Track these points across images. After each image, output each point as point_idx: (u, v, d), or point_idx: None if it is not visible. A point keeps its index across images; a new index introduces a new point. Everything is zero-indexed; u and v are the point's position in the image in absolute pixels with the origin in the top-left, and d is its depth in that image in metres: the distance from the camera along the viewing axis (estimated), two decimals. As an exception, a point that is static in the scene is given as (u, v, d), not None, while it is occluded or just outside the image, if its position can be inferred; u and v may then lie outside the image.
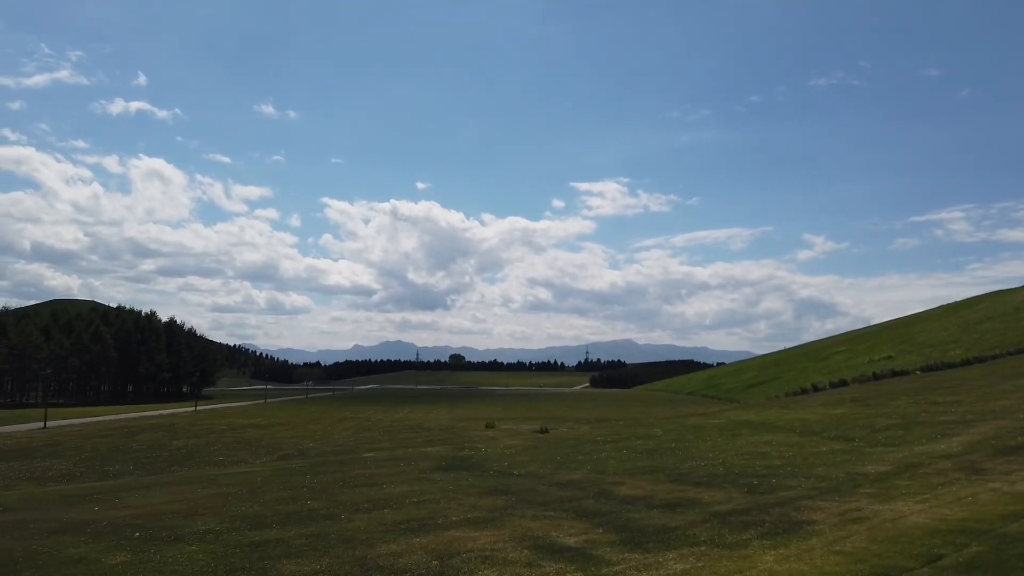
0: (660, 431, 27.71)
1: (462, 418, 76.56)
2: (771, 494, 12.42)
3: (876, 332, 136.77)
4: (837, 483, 13.43)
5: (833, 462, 16.81)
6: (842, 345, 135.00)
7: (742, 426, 28.03)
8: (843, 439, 22.23)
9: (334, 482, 15.61)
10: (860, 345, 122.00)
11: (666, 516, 10.70)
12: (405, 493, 13.28)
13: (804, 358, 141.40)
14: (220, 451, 45.36)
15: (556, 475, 15.41)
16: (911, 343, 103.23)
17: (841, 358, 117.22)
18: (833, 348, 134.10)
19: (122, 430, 62.22)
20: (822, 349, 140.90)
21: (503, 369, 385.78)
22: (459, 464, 18.44)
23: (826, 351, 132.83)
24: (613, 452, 19.96)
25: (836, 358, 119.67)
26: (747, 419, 31.49)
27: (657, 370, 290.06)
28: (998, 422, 22.19)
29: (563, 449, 21.76)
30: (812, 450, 19.69)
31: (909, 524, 9.51)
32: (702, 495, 12.44)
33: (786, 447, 20.68)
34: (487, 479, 15.12)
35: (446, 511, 11.17)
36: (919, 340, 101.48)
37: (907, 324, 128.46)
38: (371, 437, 55.23)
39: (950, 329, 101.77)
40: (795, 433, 24.66)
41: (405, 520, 10.57)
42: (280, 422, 73.61)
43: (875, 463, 16.12)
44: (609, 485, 13.74)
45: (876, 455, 17.55)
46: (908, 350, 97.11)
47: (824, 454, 18.56)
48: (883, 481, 13.39)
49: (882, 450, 18.99)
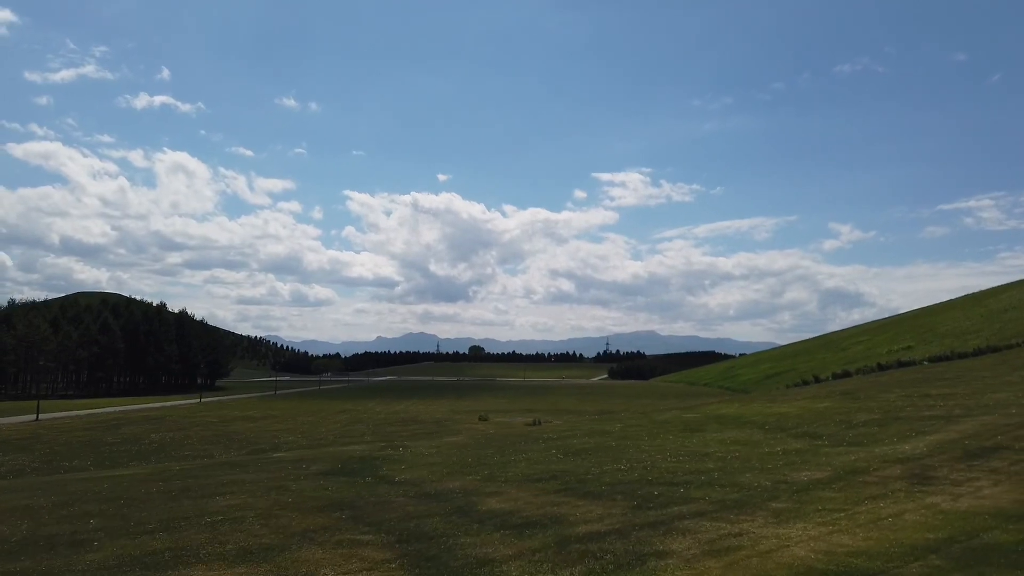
0: (619, 426, 25.57)
1: (461, 411, 75.12)
2: (660, 509, 10.29)
3: (897, 322, 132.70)
4: (753, 495, 11.25)
5: (772, 466, 14.59)
6: (862, 335, 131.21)
7: (712, 422, 25.73)
8: (809, 436, 19.92)
9: (180, 491, 13.79)
10: (880, 335, 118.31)
11: (503, 542, 8.65)
12: (226, 508, 11.36)
13: (823, 349, 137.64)
14: (192, 445, 44.20)
15: (439, 483, 13.41)
16: (933, 333, 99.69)
17: (860, 348, 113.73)
18: (853, 339, 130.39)
19: (110, 423, 61.55)
20: (841, 340, 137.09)
21: (522, 361, 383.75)
22: (357, 468, 16.53)
23: (845, 342, 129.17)
24: (539, 452, 17.90)
25: (855, 349, 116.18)
26: (723, 413, 29.16)
27: (677, 361, 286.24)
28: (985, 417, 19.72)
29: (493, 449, 19.75)
30: (764, 450, 17.43)
31: (782, 559, 7.35)
32: (576, 511, 10.35)
33: (739, 446, 18.43)
34: (351, 488, 13.18)
35: (227, 538, 9.21)
36: (941, 330, 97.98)
37: (930, 314, 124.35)
38: (356, 430, 53.82)
39: (973, 318, 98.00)
40: (762, 429, 22.34)
41: (157, 552, 8.63)
42: (275, 415, 72.71)
43: (817, 468, 13.88)
44: (482, 497, 11.70)
45: (827, 457, 15.27)
46: (929, 340, 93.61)
47: (771, 455, 16.32)
48: (806, 492, 11.19)
49: (843, 450, 16.70)
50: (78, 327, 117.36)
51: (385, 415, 71.95)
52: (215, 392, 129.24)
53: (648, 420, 28.39)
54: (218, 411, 76.87)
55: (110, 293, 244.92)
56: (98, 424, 60.58)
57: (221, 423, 62.06)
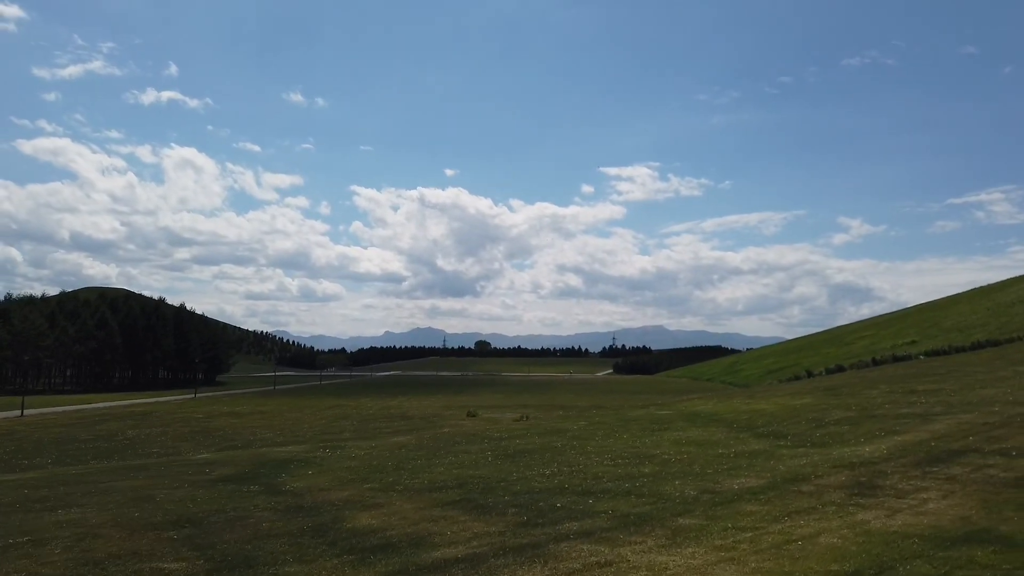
0: (582, 424, 24.15)
1: (454, 406, 73.82)
2: (546, 527, 8.89)
3: (903, 316, 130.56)
4: (665, 507, 9.82)
5: (712, 471, 13.15)
6: (868, 330, 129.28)
7: (680, 420, 24.26)
8: (774, 436, 18.44)
9: (35, 500, 12.58)
10: (884, 330, 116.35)
11: (334, 572, 7.24)
12: (52, 525, 10.05)
13: (828, 343, 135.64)
14: (163, 442, 43.15)
15: (328, 492, 12.07)
16: (938, 327, 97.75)
17: (865, 343, 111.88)
18: (858, 333, 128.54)
19: (93, 419, 60.70)
20: (846, 334, 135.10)
21: (528, 356, 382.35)
22: (262, 473, 15.18)
23: (849, 336, 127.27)
24: (471, 455, 16.52)
25: (859, 343, 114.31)
26: (698, 411, 27.68)
27: (683, 356, 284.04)
28: (964, 416, 18.17)
29: (427, 450, 18.37)
30: (715, 452, 15.98)
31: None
32: (450, 529, 8.95)
33: (693, 447, 16.98)
34: (224, 500, 11.85)
35: (9, 567, 7.86)
36: (946, 324, 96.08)
37: (936, 308, 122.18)
38: (338, 427, 52.58)
39: (979, 312, 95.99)
40: (728, 428, 20.86)
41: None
42: (264, 411, 71.74)
43: (758, 474, 12.42)
44: (358, 511, 10.35)
45: (777, 461, 13.81)
46: (933, 334, 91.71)
47: (720, 458, 14.87)
48: (726, 505, 9.75)
49: (800, 452, 15.24)
50: (75, 322, 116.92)
51: (375, 411, 70.72)
52: (213, 387, 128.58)
53: (616, 417, 26.98)
54: (207, 407, 75.95)
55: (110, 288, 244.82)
56: (80, 420, 59.67)
57: (205, 419, 61.05)
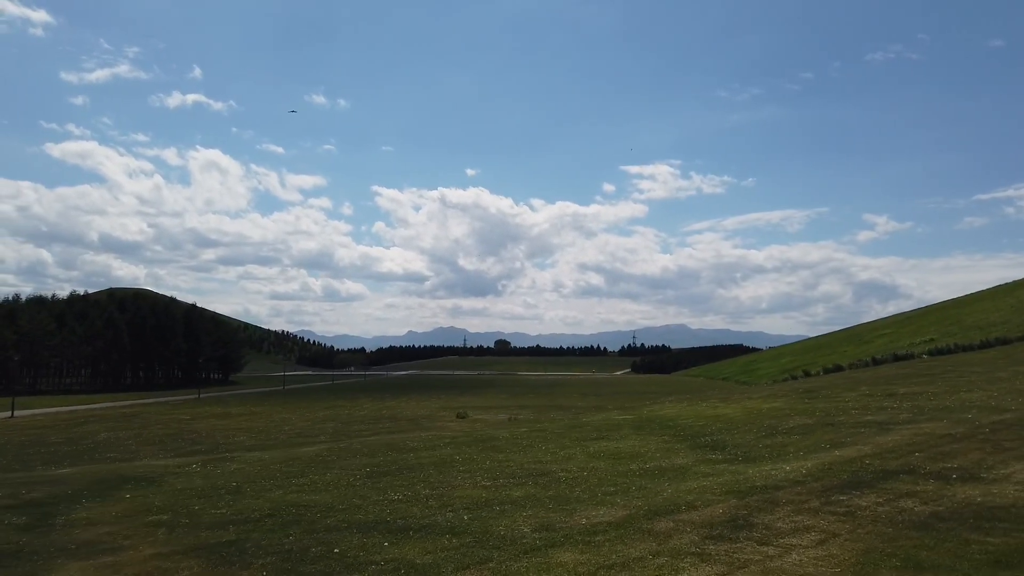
0: (523, 431, 22.04)
1: (452, 407, 72.14)
2: None
3: (924, 314, 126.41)
4: (461, 557, 7.70)
5: (588, 498, 11.00)
6: (888, 328, 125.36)
7: (627, 427, 22.00)
8: (709, 448, 16.22)
9: None
10: (904, 328, 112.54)
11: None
12: None
13: (846, 342, 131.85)
14: (126, 446, 41.96)
15: (102, 526, 10.10)
16: (959, 325, 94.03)
17: (883, 341, 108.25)
18: (878, 331, 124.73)
19: (77, 421, 60.02)
20: (866, 332, 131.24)
21: (546, 355, 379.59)
22: (69, 497, 13.29)
23: (869, 334, 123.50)
24: (342, 473, 14.49)
25: (878, 341, 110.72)
26: (658, 416, 25.39)
27: (703, 355, 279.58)
28: (927, 425, 15.79)
29: (304, 464, 16.41)
30: (625, 468, 13.79)
31: None
32: None
33: (607, 462, 14.79)
34: None
35: None
36: (968, 322, 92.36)
37: (959, 305, 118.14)
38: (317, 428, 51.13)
39: (1002, 310, 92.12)
40: (669, 437, 18.61)
41: None
42: (256, 411, 70.82)
43: (624, 505, 10.24)
44: (81, 559, 8.31)
45: (680, 483, 11.60)
46: (953, 332, 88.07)
47: (621, 477, 12.69)
48: (545, 551, 7.68)
49: (722, 468, 13.06)
50: (83, 322, 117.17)
51: (368, 413, 69.35)
52: (223, 387, 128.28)
53: (566, 424, 24.82)
54: (198, 408, 75.10)
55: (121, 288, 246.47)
56: (62, 422, 58.92)
57: (190, 420, 60.09)
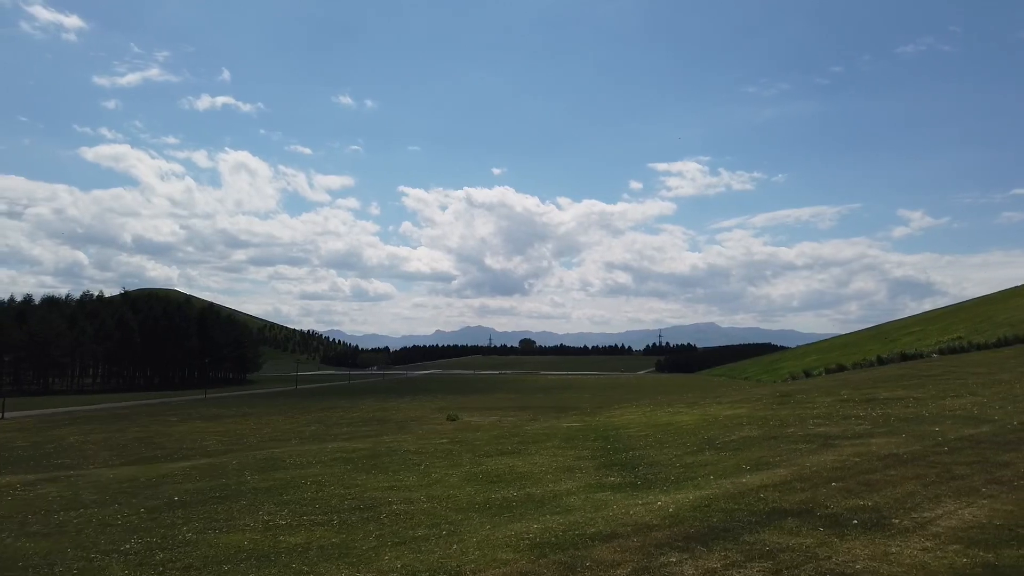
0: (427, 445, 19.30)
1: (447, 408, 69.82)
2: None
3: (955, 311, 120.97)
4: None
5: (374, 546, 8.25)
6: (916, 325, 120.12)
7: (556, 437, 19.19)
8: (619, 467, 13.43)
9: None
10: (933, 325, 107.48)
11: None
12: None
13: (872, 340, 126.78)
14: (85, 451, 40.16)
15: None
16: (989, 322, 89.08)
17: (910, 339, 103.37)
18: (905, 329, 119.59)
19: (59, 422, 59.01)
20: (892, 331, 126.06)
21: (571, 354, 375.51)
22: None
23: (895, 332, 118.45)
24: (193, 483, 11.96)
25: (905, 339, 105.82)
26: (622, 421, 22.60)
27: (731, 354, 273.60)
28: (878, 441, 12.80)
29: (145, 484, 13.94)
30: (488, 497, 11.05)
31: None
32: None
33: (483, 485, 12.04)
34: None
35: None
36: (999, 319, 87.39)
37: (992, 302, 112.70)
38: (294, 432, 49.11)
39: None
40: (594, 452, 15.72)
41: None
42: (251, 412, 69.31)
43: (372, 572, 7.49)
44: None
45: (492, 531, 8.79)
46: (983, 329, 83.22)
47: (455, 512, 9.93)
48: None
49: (600, 499, 10.26)
50: (94, 322, 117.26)
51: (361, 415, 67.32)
52: (235, 387, 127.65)
53: (495, 433, 22.07)
54: (189, 410, 73.82)
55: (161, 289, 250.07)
56: (41, 424, 57.83)
57: (177, 423, 58.55)
